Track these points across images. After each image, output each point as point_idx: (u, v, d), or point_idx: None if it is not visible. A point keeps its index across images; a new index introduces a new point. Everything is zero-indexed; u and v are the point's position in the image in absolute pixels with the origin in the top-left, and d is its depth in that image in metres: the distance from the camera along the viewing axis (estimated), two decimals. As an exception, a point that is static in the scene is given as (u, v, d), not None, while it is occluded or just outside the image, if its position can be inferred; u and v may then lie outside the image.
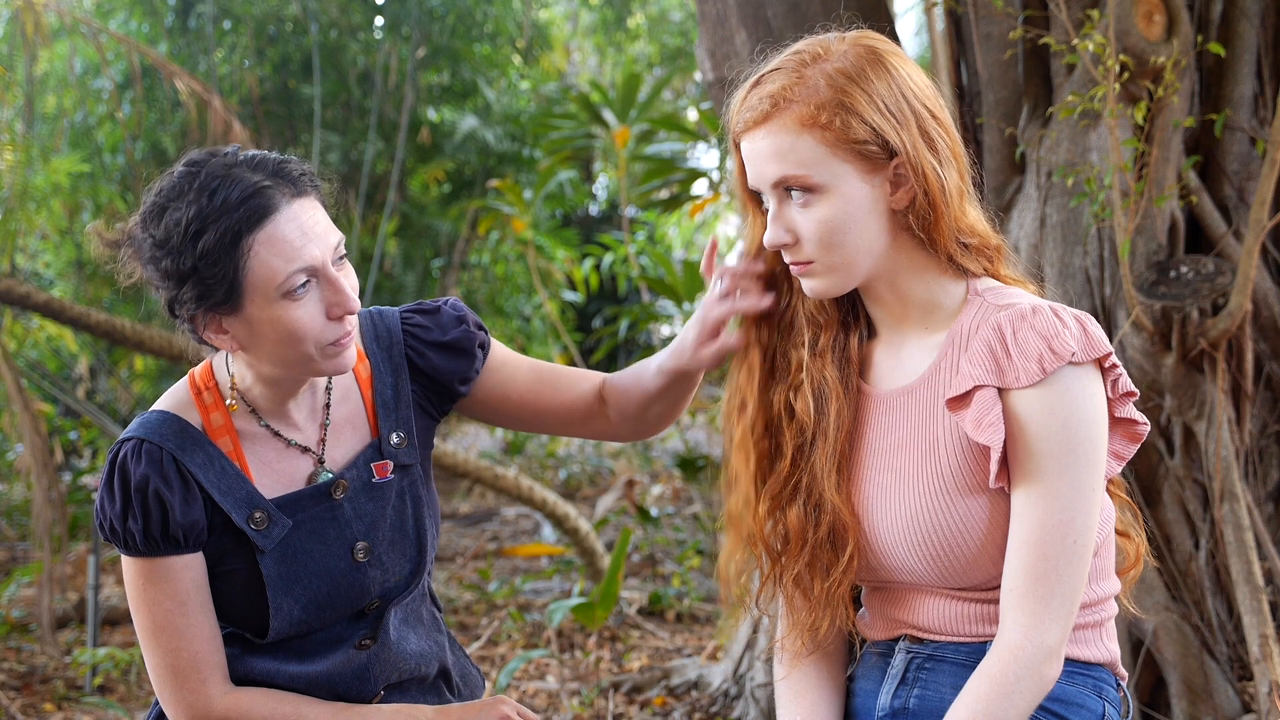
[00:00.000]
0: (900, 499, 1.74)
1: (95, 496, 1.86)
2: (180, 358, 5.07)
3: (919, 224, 1.72)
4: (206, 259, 1.74)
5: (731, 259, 1.90)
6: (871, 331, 1.85)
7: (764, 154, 1.72)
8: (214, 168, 1.77)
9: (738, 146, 1.78)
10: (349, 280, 1.82)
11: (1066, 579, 1.65)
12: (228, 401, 1.88)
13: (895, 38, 3.66)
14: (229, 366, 1.90)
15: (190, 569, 1.84)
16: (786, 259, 1.77)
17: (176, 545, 1.83)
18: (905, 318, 1.79)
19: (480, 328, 2.04)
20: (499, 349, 2.07)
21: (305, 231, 1.77)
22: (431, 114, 9.38)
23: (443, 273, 9.74)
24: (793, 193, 1.72)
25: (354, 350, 1.86)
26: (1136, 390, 1.72)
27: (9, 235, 6.38)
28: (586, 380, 2.08)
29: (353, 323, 1.83)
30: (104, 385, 8.85)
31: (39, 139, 7.58)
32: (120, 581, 6.03)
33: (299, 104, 8.77)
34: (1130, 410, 1.72)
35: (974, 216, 1.77)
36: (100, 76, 8.33)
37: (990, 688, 1.63)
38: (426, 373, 2.00)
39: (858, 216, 1.71)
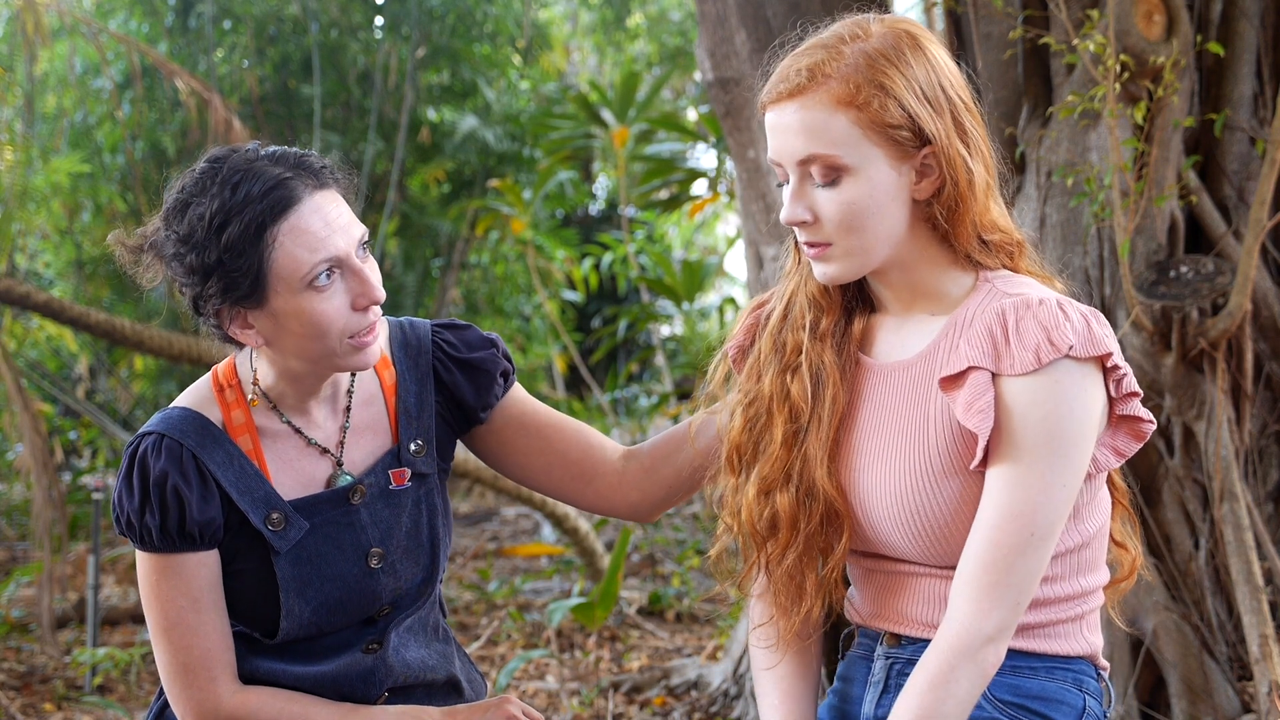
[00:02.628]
0: (887, 473, 1.72)
1: (113, 493, 1.86)
2: (180, 358, 5.07)
3: (945, 215, 1.69)
4: (231, 251, 1.74)
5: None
6: (875, 308, 1.82)
7: (793, 128, 1.68)
8: (235, 162, 1.79)
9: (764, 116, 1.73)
10: (373, 272, 1.83)
11: (1018, 571, 1.62)
12: (249, 396, 1.88)
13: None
14: (251, 363, 1.90)
15: (205, 566, 1.84)
16: (802, 238, 1.73)
17: (192, 542, 1.83)
18: (913, 304, 1.77)
19: (508, 358, 2.03)
20: (522, 389, 2.07)
21: (329, 222, 1.78)
22: (431, 114, 9.38)
23: (443, 273, 9.73)
24: (816, 171, 1.68)
25: (377, 347, 1.85)
26: (1141, 391, 1.69)
27: (9, 235, 6.38)
28: (610, 442, 2.07)
29: (377, 314, 1.83)
30: (104, 385, 8.85)
31: (39, 139, 7.58)
32: (120, 581, 6.03)
33: (299, 104, 8.77)
34: (1135, 407, 1.69)
35: (997, 212, 1.74)
36: (100, 76, 8.33)
37: (928, 679, 1.62)
38: (449, 388, 1.99)
39: (882, 202, 1.67)
